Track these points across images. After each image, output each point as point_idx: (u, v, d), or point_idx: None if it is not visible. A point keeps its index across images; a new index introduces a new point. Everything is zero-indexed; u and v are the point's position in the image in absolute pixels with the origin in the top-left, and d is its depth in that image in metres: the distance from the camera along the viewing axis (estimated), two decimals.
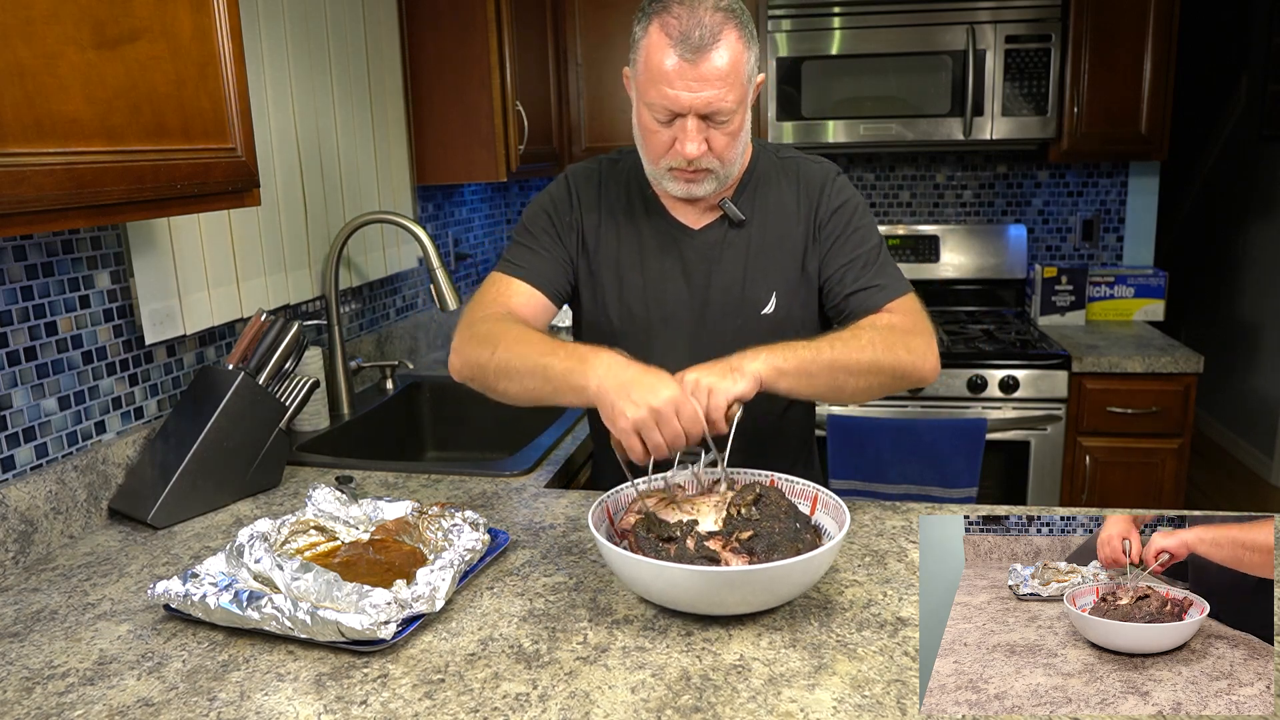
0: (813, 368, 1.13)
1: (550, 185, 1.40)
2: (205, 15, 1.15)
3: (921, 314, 1.27)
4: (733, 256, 1.33)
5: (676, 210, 1.35)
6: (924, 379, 1.21)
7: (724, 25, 1.14)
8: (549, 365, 1.12)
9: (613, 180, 1.38)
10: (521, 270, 1.33)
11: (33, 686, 0.95)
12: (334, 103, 2.05)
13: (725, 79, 1.15)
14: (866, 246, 1.31)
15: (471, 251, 2.92)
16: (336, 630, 0.97)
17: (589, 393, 1.08)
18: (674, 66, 1.15)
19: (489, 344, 1.19)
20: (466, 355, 1.22)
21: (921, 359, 1.20)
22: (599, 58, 2.76)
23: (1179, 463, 2.55)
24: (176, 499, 1.38)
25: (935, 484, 2.28)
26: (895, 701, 0.88)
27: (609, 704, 0.89)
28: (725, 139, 1.21)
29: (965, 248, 3.06)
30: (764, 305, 1.33)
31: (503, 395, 1.19)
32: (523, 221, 1.38)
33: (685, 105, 1.16)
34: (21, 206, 0.92)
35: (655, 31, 1.16)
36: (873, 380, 1.18)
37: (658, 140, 1.22)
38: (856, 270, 1.29)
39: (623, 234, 1.36)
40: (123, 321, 1.48)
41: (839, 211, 1.32)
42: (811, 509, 1.15)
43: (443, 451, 2.23)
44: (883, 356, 1.17)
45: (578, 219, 1.36)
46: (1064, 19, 2.62)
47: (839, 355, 1.15)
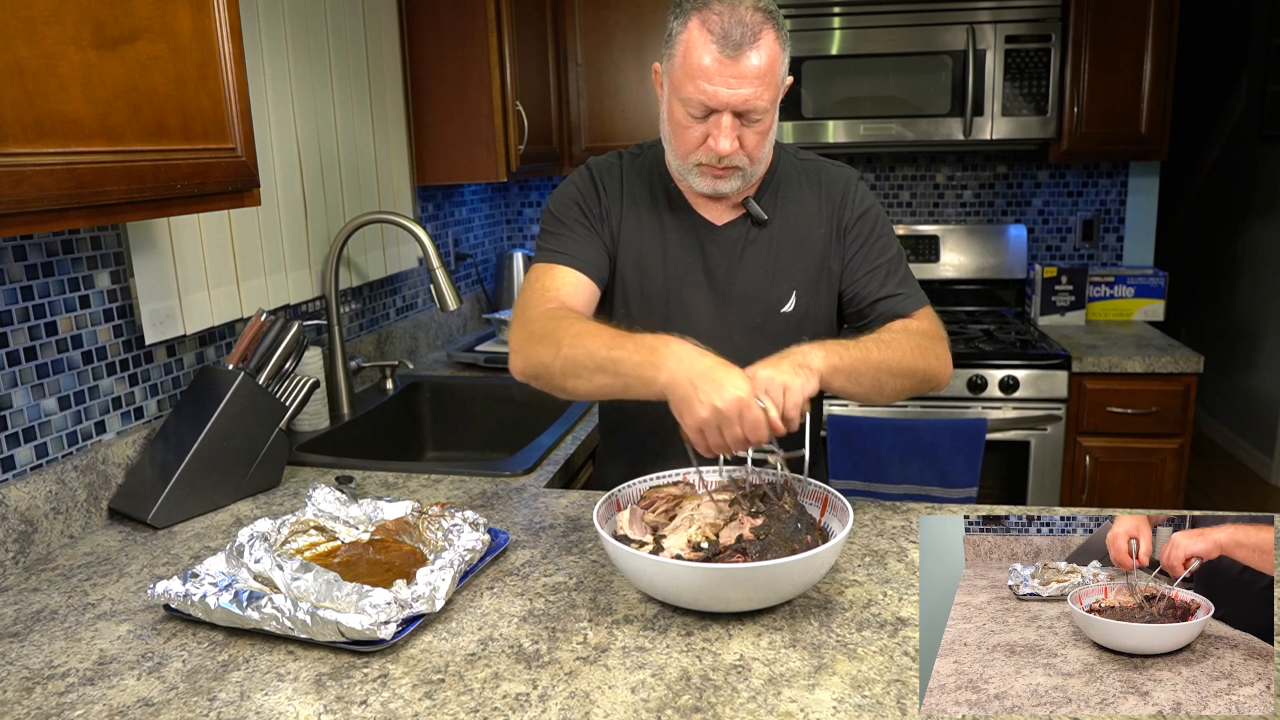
0: (862, 367, 1.16)
1: (573, 176, 1.39)
2: (205, 15, 1.15)
3: (941, 325, 1.34)
4: (755, 254, 1.35)
5: (700, 206, 1.36)
6: (944, 384, 1.29)
7: (763, 25, 1.16)
8: (619, 359, 1.08)
9: (634, 174, 1.38)
10: (565, 257, 1.31)
11: (33, 686, 0.95)
12: (334, 103, 2.05)
13: (762, 77, 1.17)
14: (889, 255, 1.35)
15: (471, 251, 2.92)
16: (336, 630, 0.97)
17: (659, 385, 1.05)
18: (713, 63, 1.16)
19: (551, 342, 1.15)
20: (528, 355, 1.18)
21: (945, 365, 1.28)
22: (599, 58, 2.76)
23: (1179, 463, 2.55)
24: (176, 499, 1.38)
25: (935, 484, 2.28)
26: (895, 701, 0.88)
27: (609, 704, 0.89)
28: (756, 137, 1.22)
29: (965, 248, 3.06)
30: (784, 304, 1.35)
31: (571, 393, 1.16)
32: (553, 213, 1.36)
33: (723, 102, 1.18)
34: (21, 206, 0.92)
35: (695, 27, 1.17)
36: (907, 383, 1.23)
37: (690, 136, 1.23)
38: (881, 278, 1.33)
39: (645, 228, 1.36)
40: (123, 321, 1.48)
41: (863, 218, 1.35)
42: (821, 511, 1.16)
43: (443, 451, 2.23)
44: (918, 361, 1.23)
45: (604, 210, 1.36)
46: (1064, 19, 2.62)
47: (884, 357, 1.19)
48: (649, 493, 1.18)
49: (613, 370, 1.09)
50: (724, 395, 1.00)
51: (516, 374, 1.22)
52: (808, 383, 1.08)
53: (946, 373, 1.28)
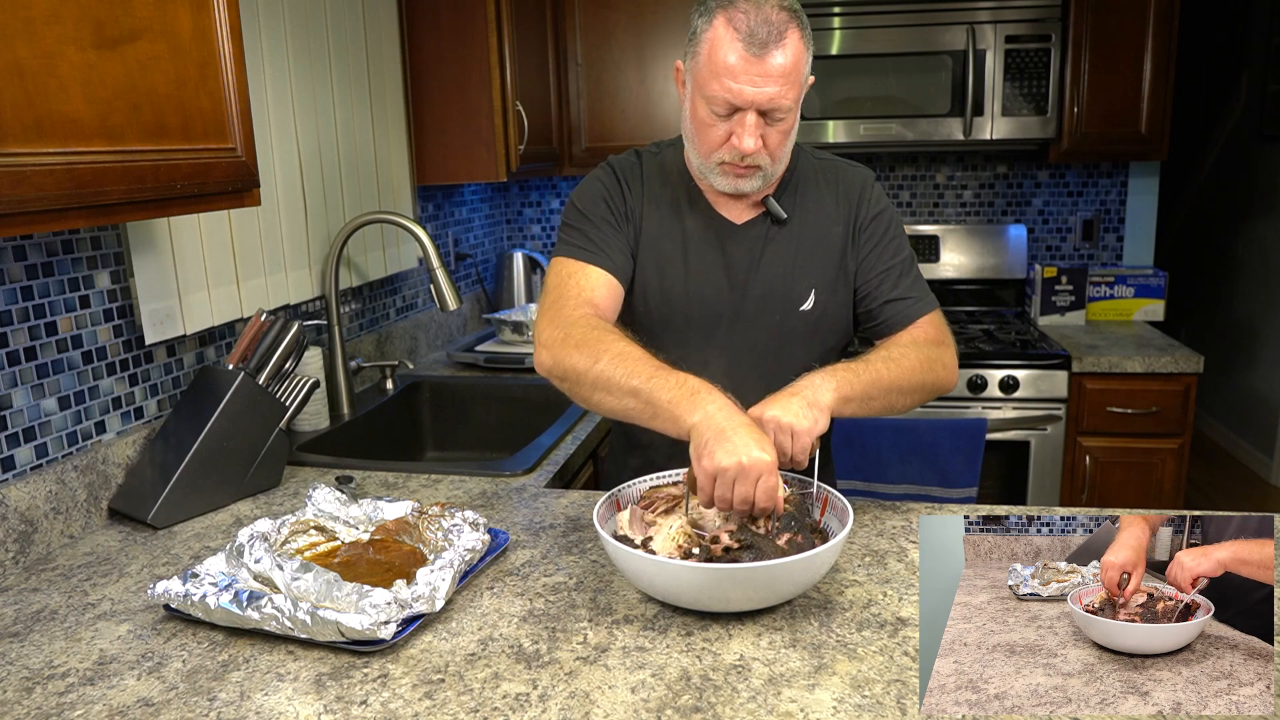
0: (874, 390, 1.19)
1: (597, 173, 1.39)
2: (205, 15, 1.15)
3: (947, 328, 1.36)
4: (775, 253, 1.35)
5: (720, 205, 1.36)
6: (950, 389, 1.32)
7: (789, 24, 1.16)
8: (654, 391, 1.08)
9: (654, 172, 1.39)
10: (598, 257, 1.30)
11: (33, 686, 0.95)
12: (334, 103, 2.05)
13: (787, 77, 1.17)
14: (901, 257, 1.36)
15: (471, 251, 2.92)
16: (336, 630, 0.97)
17: (688, 424, 1.05)
18: (739, 61, 1.16)
19: (590, 352, 1.14)
20: (561, 358, 1.17)
21: (951, 372, 1.31)
22: (599, 58, 2.76)
23: (1179, 463, 2.55)
24: (176, 499, 1.38)
25: (935, 484, 2.28)
26: (895, 701, 0.88)
27: (609, 704, 0.89)
28: (779, 136, 1.23)
29: (965, 248, 3.06)
30: (803, 302, 1.35)
31: (594, 405, 1.17)
32: (579, 208, 1.35)
33: (747, 100, 1.18)
34: (21, 206, 0.92)
35: (721, 26, 1.17)
36: (918, 397, 1.26)
37: (713, 134, 1.23)
38: (893, 279, 1.35)
39: (665, 226, 1.36)
40: (123, 321, 1.48)
41: (878, 218, 1.36)
42: (821, 511, 1.16)
43: (443, 451, 2.23)
44: (927, 376, 1.26)
45: (626, 208, 1.36)
46: (1064, 19, 2.62)
47: (895, 377, 1.22)
48: (649, 492, 1.18)
49: (646, 398, 1.09)
50: (751, 454, 1.00)
51: (542, 370, 1.21)
52: (816, 424, 1.10)
53: (953, 379, 1.31)
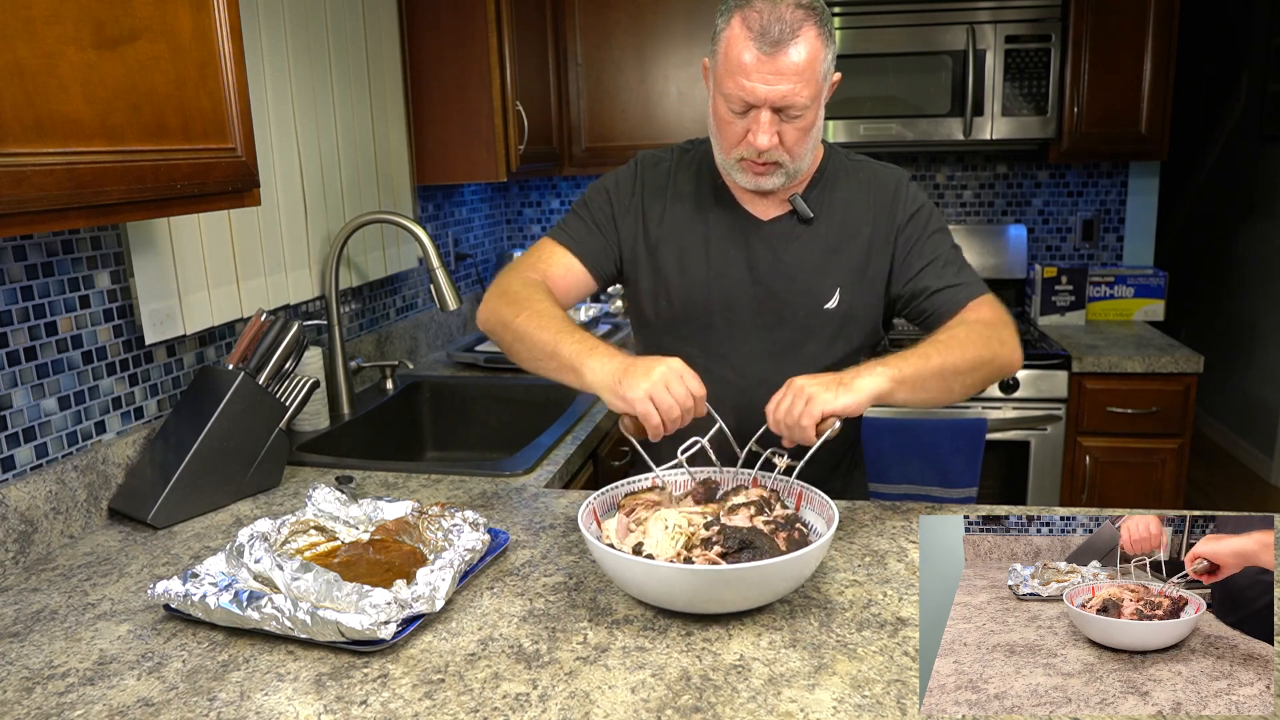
0: (925, 374, 1.18)
1: (620, 168, 1.44)
2: (205, 15, 1.15)
3: (1003, 308, 1.32)
4: (799, 250, 1.36)
5: (746, 202, 1.37)
6: (1015, 368, 1.28)
7: (804, 22, 1.17)
8: (559, 344, 1.19)
9: (683, 168, 1.41)
10: (572, 241, 1.39)
11: (33, 686, 0.95)
12: (334, 103, 2.05)
13: (801, 74, 1.18)
14: (945, 247, 1.36)
15: (471, 251, 2.92)
16: (336, 630, 0.97)
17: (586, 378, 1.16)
18: (752, 59, 1.18)
19: (516, 306, 1.27)
20: (493, 308, 1.31)
21: (1013, 350, 1.27)
22: (599, 58, 2.76)
23: (1179, 463, 2.55)
24: (176, 499, 1.38)
25: (935, 484, 2.28)
26: (895, 701, 0.88)
27: (609, 704, 0.89)
28: (797, 134, 1.24)
29: (965, 247, 3.04)
30: (828, 300, 1.36)
31: (516, 357, 1.28)
32: (584, 197, 1.43)
33: (760, 98, 1.19)
34: (21, 206, 0.92)
35: (736, 24, 1.19)
36: (976, 376, 1.24)
37: (731, 131, 1.25)
38: (938, 269, 1.34)
39: (689, 221, 1.38)
40: (123, 321, 1.48)
41: (916, 216, 1.36)
42: (796, 506, 1.17)
43: (443, 451, 2.23)
44: (983, 352, 1.23)
45: (639, 204, 1.39)
46: (1064, 19, 2.62)
47: (946, 359, 1.20)
48: (626, 500, 1.18)
49: (551, 350, 1.20)
50: (659, 364, 1.11)
51: (479, 323, 1.35)
52: (836, 399, 1.11)
53: (1016, 357, 1.27)
